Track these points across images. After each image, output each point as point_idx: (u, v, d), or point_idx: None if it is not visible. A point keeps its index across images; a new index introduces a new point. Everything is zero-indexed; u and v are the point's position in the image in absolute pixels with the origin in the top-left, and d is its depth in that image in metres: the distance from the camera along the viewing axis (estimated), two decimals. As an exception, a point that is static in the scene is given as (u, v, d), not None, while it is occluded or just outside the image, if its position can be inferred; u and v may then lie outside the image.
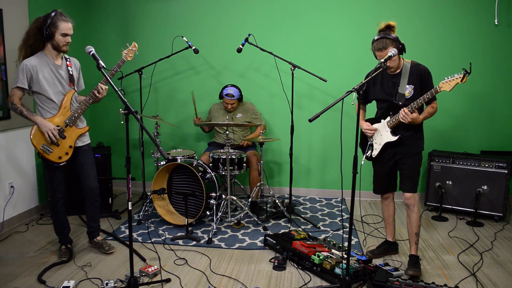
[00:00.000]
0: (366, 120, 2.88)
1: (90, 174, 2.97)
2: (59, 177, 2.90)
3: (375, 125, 2.81)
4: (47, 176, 2.92)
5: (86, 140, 2.98)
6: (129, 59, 3.01)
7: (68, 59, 2.89)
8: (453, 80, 2.39)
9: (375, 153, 2.83)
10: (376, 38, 2.58)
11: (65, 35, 2.72)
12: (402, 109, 2.56)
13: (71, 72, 2.86)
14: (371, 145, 2.86)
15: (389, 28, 2.59)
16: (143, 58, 4.37)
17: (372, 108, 2.96)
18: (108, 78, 2.39)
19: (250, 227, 3.58)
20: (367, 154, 2.90)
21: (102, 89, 2.80)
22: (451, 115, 4.21)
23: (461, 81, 2.37)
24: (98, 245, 3.06)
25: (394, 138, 2.69)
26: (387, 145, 2.75)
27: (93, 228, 3.09)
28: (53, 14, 2.69)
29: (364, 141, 2.95)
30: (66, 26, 2.71)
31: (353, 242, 3.18)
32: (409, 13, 4.11)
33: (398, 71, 2.67)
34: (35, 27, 2.72)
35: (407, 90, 2.63)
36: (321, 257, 2.68)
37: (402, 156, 2.75)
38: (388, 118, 2.72)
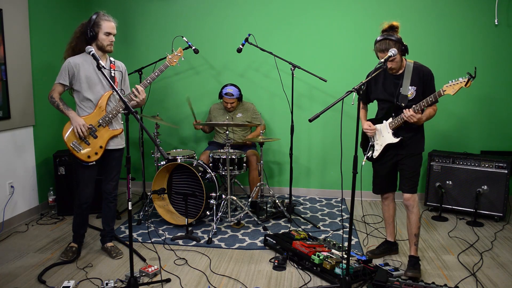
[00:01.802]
0: (368, 120, 2.87)
1: (112, 179, 2.96)
2: (88, 179, 2.86)
3: (376, 126, 2.81)
4: (77, 176, 2.89)
5: (119, 144, 2.93)
6: (173, 64, 3.02)
7: (112, 61, 2.91)
8: (457, 83, 2.38)
9: (376, 154, 2.82)
10: (378, 39, 2.56)
11: (108, 34, 2.77)
12: (406, 110, 2.55)
13: (113, 74, 2.87)
14: (372, 146, 2.86)
15: (392, 28, 2.57)
16: (143, 58, 4.38)
17: (372, 109, 2.96)
18: (108, 78, 2.40)
19: (250, 227, 3.58)
20: (368, 155, 2.90)
21: (139, 91, 2.79)
22: (451, 115, 4.21)
23: (465, 85, 2.36)
24: (107, 251, 3.04)
25: (396, 140, 2.69)
26: (388, 147, 2.75)
27: (105, 232, 3.07)
28: (95, 15, 2.76)
29: (365, 141, 2.95)
30: (109, 25, 2.77)
31: (353, 242, 3.18)
32: (409, 13, 4.11)
33: (400, 71, 2.66)
34: (79, 31, 2.80)
35: (410, 91, 2.63)
36: (321, 257, 2.68)
37: (402, 157, 2.74)
38: (390, 119, 2.71)
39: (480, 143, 4.19)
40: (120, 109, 2.82)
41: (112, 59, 2.91)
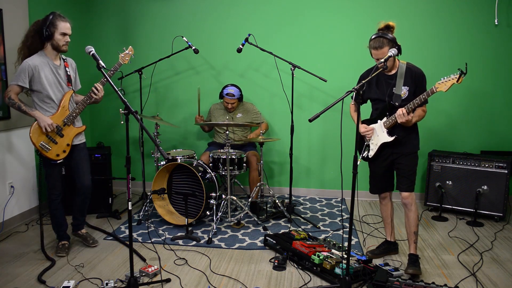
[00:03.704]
0: (362, 122, 2.88)
1: (85, 172, 3.04)
2: (57, 175, 2.97)
3: (371, 126, 2.82)
4: (44, 173, 2.95)
5: (82, 138, 3.05)
6: (125, 62, 3.09)
7: (65, 59, 2.96)
8: (449, 80, 2.40)
9: (371, 153, 2.83)
10: (373, 36, 2.60)
11: (64, 34, 2.80)
12: (400, 109, 2.57)
13: (68, 73, 2.93)
14: (368, 146, 2.87)
15: (388, 28, 2.61)
16: (143, 58, 4.38)
17: (365, 110, 2.96)
18: (108, 78, 2.40)
19: (250, 227, 3.58)
20: (363, 155, 2.90)
21: (98, 89, 2.85)
22: (451, 115, 4.21)
23: (457, 81, 2.37)
24: (82, 238, 3.15)
25: (391, 139, 2.69)
26: (384, 146, 2.75)
27: (79, 221, 3.18)
28: (51, 15, 2.78)
29: (360, 141, 2.96)
30: (64, 26, 2.80)
31: (353, 242, 3.18)
32: (409, 13, 4.11)
33: (393, 72, 2.69)
34: (33, 29, 2.80)
35: (403, 91, 2.65)
36: (321, 257, 2.68)
37: (398, 156, 2.75)
38: (385, 119, 2.72)
39: (480, 143, 4.19)
40: (86, 103, 2.86)
41: (63, 56, 2.95)
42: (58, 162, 2.88)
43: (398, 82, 2.65)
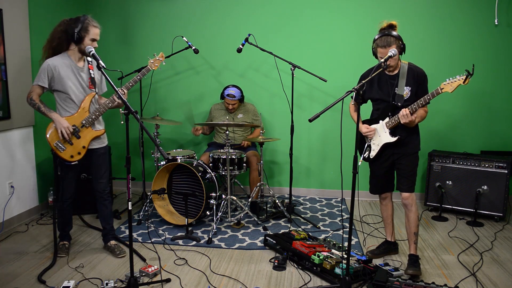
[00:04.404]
0: (363, 122, 2.87)
1: (100, 177, 3.00)
2: (71, 177, 2.93)
3: (373, 126, 2.81)
4: (59, 174, 2.91)
5: (102, 142, 2.99)
6: (154, 68, 3.04)
7: (90, 62, 2.91)
8: (455, 81, 2.39)
9: (373, 154, 2.82)
10: (379, 35, 2.58)
11: (93, 40, 2.77)
12: (403, 109, 2.56)
13: (92, 75, 2.89)
14: (369, 146, 2.86)
15: (391, 27, 2.59)
16: (143, 58, 4.37)
17: (365, 110, 2.96)
18: (108, 78, 2.39)
19: (250, 227, 3.58)
20: (364, 155, 2.89)
21: (122, 94, 2.80)
22: (451, 115, 4.21)
23: (464, 82, 2.36)
24: (110, 249, 3.05)
25: (394, 139, 2.69)
26: (385, 146, 2.75)
27: (106, 230, 3.09)
28: (84, 19, 2.74)
29: (361, 142, 2.95)
30: (96, 32, 2.78)
31: (353, 242, 3.18)
32: (409, 13, 4.11)
33: (396, 71, 2.68)
34: (60, 30, 2.76)
35: (405, 91, 2.64)
36: (321, 257, 2.68)
37: (399, 156, 2.75)
38: (387, 119, 2.71)
39: (480, 143, 4.19)
40: (107, 107, 2.84)
41: (89, 59, 2.92)
42: (72, 163, 2.83)
43: (400, 83, 2.64)
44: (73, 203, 3.02)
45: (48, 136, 2.78)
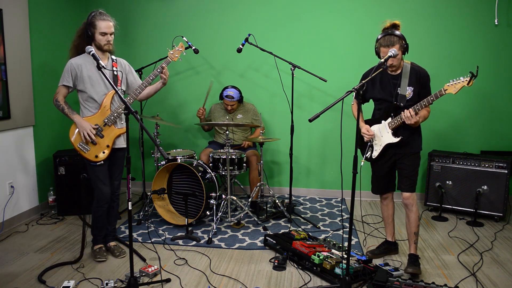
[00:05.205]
0: (365, 121, 2.87)
1: (116, 178, 2.99)
2: (102, 177, 2.86)
3: (375, 126, 2.80)
4: (91, 177, 2.87)
5: (120, 143, 2.92)
6: (174, 59, 2.96)
7: (114, 60, 2.90)
8: (459, 83, 2.38)
9: (375, 154, 2.82)
10: (382, 34, 2.57)
11: (104, 33, 2.73)
12: (407, 110, 2.55)
13: (115, 73, 2.86)
14: (371, 146, 2.86)
15: (394, 27, 2.58)
16: (143, 58, 4.38)
17: (367, 109, 2.96)
18: (108, 78, 2.39)
19: (250, 227, 3.58)
20: (366, 155, 2.89)
21: (164, 70, 2.83)
22: (452, 115, 4.21)
23: (468, 84, 2.35)
24: (110, 250, 3.03)
25: (396, 140, 2.68)
26: (388, 146, 2.74)
27: (107, 231, 3.06)
28: (90, 14, 2.74)
29: (362, 141, 2.95)
30: (104, 25, 2.73)
31: (353, 242, 3.18)
32: (409, 13, 4.11)
33: (398, 71, 2.67)
34: (80, 30, 2.79)
35: (407, 91, 2.63)
36: (321, 257, 2.68)
37: (400, 156, 2.75)
38: (390, 119, 2.71)
39: (480, 143, 4.19)
40: (120, 110, 2.83)
41: (114, 57, 2.91)
42: (98, 163, 2.81)
43: (402, 83, 2.64)
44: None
45: (72, 138, 2.77)
